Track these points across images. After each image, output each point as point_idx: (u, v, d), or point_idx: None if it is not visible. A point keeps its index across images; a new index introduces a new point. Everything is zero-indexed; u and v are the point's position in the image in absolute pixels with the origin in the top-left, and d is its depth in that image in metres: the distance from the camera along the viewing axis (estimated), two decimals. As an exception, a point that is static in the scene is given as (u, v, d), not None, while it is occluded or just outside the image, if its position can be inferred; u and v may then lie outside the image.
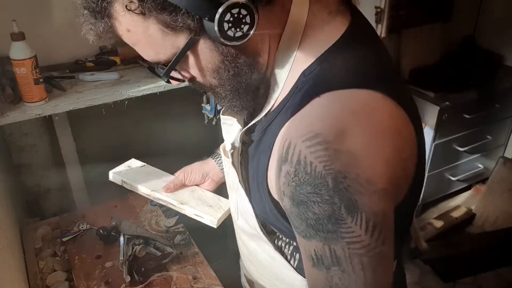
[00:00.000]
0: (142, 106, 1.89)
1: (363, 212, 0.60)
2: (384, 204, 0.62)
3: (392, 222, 0.64)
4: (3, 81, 1.44)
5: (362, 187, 0.59)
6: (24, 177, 1.82)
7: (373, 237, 0.62)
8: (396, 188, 0.63)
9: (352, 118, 0.60)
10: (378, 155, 0.60)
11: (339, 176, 0.58)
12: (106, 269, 1.25)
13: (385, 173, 0.60)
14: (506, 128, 2.81)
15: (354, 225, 0.61)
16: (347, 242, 0.62)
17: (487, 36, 2.87)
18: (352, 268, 0.64)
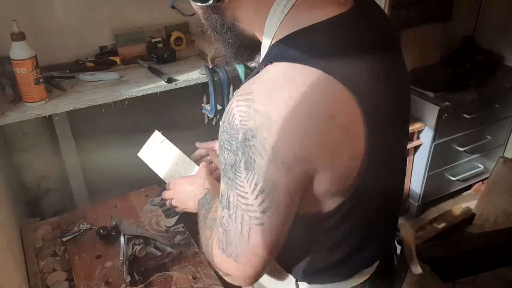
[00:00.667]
0: (142, 106, 1.89)
1: (256, 174, 0.64)
2: (278, 175, 0.64)
3: (283, 200, 0.66)
4: (3, 81, 1.44)
5: (265, 151, 0.63)
6: (24, 177, 1.83)
7: (256, 201, 0.66)
8: (305, 166, 0.64)
9: (284, 88, 0.63)
10: (292, 129, 0.62)
11: (249, 133, 0.63)
12: (106, 269, 1.25)
13: (292, 148, 0.62)
14: (506, 128, 2.81)
15: (246, 182, 0.66)
16: (237, 193, 0.68)
17: (487, 36, 2.87)
18: (235, 217, 0.70)
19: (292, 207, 0.69)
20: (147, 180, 1.67)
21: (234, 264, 0.74)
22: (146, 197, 1.57)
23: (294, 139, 0.62)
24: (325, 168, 0.66)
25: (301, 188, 0.67)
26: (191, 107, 1.95)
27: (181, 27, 1.86)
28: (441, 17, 2.69)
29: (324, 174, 0.67)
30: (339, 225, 0.77)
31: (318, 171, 0.66)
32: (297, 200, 0.69)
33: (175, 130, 2.08)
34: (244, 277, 0.76)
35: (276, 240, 0.71)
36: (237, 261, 0.74)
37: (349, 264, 0.85)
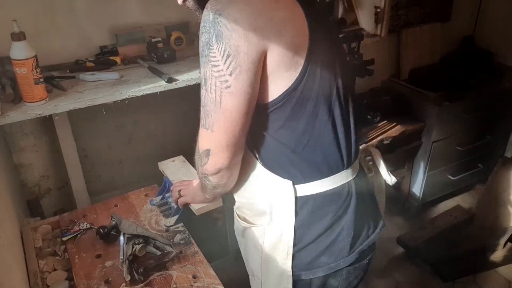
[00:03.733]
0: (142, 106, 1.89)
1: (224, 42, 0.85)
2: (240, 40, 0.85)
3: (244, 60, 0.86)
4: (4, 81, 1.44)
5: (229, 23, 0.84)
6: (25, 177, 1.83)
7: (225, 65, 0.86)
8: (259, 36, 0.85)
9: None
10: (248, 7, 0.85)
11: (217, 13, 0.85)
12: (106, 268, 1.25)
13: (248, 19, 0.84)
14: (505, 127, 2.81)
15: (217, 51, 0.86)
16: (212, 65, 0.88)
17: (487, 36, 2.87)
18: (210, 87, 0.90)
19: (252, 76, 0.88)
20: (147, 180, 1.67)
21: (210, 134, 0.94)
22: (146, 196, 1.57)
23: (250, 13, 0.84)
24: (275, 40, 0.86)
25: (258, 56, 0.86)
26: (191, 107, 1.95)
27: (181, 27, 1.87)
28: (440, 17, 2.70)
29: (275, 46, 0.86)
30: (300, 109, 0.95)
31: (269, 45, 0.86)
32: (256, 70, 0.88)
33: (175, 130, 2.08)
34: (219, 146, 0.94)
35: (243, 105, 0.90)
36: (212, 130, 0.93)
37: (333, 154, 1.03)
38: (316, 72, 0.93)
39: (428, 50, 2.70)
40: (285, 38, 0.87)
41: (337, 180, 1.05)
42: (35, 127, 1.76)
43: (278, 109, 0.94)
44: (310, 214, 1.04)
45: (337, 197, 1.05)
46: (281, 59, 0.88)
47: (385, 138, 2.31)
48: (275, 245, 1.08)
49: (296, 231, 1.05)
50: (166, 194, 1.53)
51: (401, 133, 2.37)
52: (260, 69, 0.89)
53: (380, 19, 2.11)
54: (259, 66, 0.88)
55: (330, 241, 1.06)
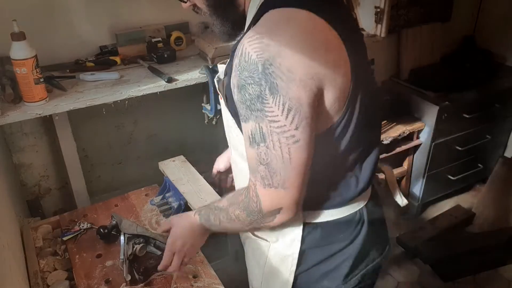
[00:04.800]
0: (142, 106, 1.90)
1: (281, 95, 0.77)
2: (300, 92, 0.77)
3: (308, 112, 0.79)
4: (4, 81, 1.44)
5: (283, 74, 0.76)
6: (25, 177, 1.83)
7: (288, 119, 0.78)
8: (316, 82, 0.78)
9: (285, 25, 0.78)
10: (299, 51, 0.76)
11: (267, 63, 0.76)
12: (107, 268, 1.25)
13: (303, 66, 0.76)
14: (505, 127, 2.81)
15: (274, 105, 0.78)
16: (269, 120, 0.79)
17: (487, 36, 2.87)
18: (273, 144, 0.81)
19: (316, 120, 0.81)
20: (147, 180, 1.67)
21: (283, 193, 0.84)
22: (146, 196, 1.57)
23: (304, 59, 0.76)
24: (329, 84, 0.79)
25: (317, 102, 0.80)
26: (191, 106, 1.96)
27: (181, 27, 1.87)
28: (440, 17, 2.70)
29: (329, 88, 0.80)
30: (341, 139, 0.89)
31: (325, 87, 0.79)
32: (317, 114, 0.81)
33: (175, 130, 2.09)
34: (294, 203, 0.86)
35: (311, 155, 0.83)
36: (285, 187, 0.84)
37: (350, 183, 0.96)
38: (357, 101, 0.87)
39: (428, 50, 2.70)
40: (336, 80, 0.81)
41: (350, 208, 0.99)
42: (35, 127, 1.76)
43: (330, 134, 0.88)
44: (317, 240, 1.00)
45: (348, 225, 1.00)
46: (336, 98, 0.83)
47: (385, 138, 2.31)
48: (278, 265, 1.05)
49: (301, 254, 1.01)
50: (166, 194, 1.54)
51: (401, 133, 2.38)
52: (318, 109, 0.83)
53: (380, 19, 2.11)
54: (318, 110, 0.82)
55: (334, 266, 1.02)
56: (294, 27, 0.78)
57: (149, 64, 1.70)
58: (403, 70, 2.65)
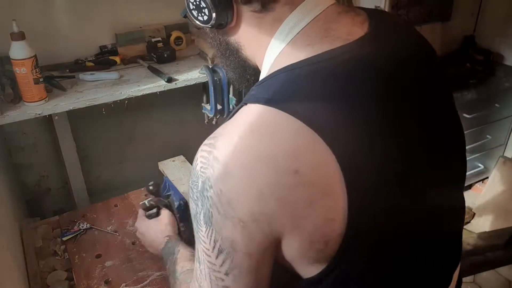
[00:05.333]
0: (142, 106, 1.89)
1: (214, 230, 0.58)
2: (235, 235, 0.57)
3: (243, 261, 0.59)
4: (3, 81, 1.44)
5: (221, 206, 0.57)
6: (24, 177, 1.83)
7: (218, 261, 0.60)
8: (263, 229, 0.57)
9: (247, 137, 0.57)
10: (249, 184, 0.55)
11: (207, 183, 0.57)
12: (106, 268, 1.25)
13: (247, 205, 0.56)
14: (506, 127, 2.81)
15: (206, 237, 0.60)
16: (202, 249, 0.62)
17: (487, 36, 2.87)
18: (204, 274, 0.63)
19: (260, 271, 0.61)
20: (147, 180, 1.67)
21: None
22: (146, 196, 1.57)
23: (251, 194, 0.55)
24: (292, 229, 0.57)
25: (265, 251, 0.59)
26: (191, 106, 1.95)
27: (181, 27, 1.86)
28: (441, 17, 2.70)
29: (292, 236, 0.58)
30: None
31: (284, 233, 0.57)
32: (266, 263, 0.61)
33: (175, 130, 2.08)
34: None
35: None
36: None
37: None
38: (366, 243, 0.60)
39: (428, 50, 2.69)
40: (305, 225, 0.57)
41: None
42: (35, 127, 1.76)
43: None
44: None
45: None
46: (300, 252, 0.60)
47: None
48: None
49: None
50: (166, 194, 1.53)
51: (401, 133, 2.37)
52: (272, 260, 0.62)
53: (380, 19, 2.11)
54: (269, 263, 0.61)
55: None
56: (254, 144, 0.56)
57: (149, 64, 1.70)
58: (403, 70, 2.64)
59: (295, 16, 0.65)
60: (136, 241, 1.35)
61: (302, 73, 0.61)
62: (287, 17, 0.65)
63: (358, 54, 0.62)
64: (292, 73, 0.61)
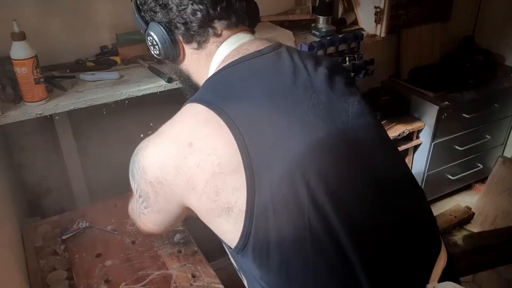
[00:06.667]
0: (142, 105, 1.89)
1: (135, 183, 0.86)
2: (147, 189, 0.83)
3: (155, 205, 0.85)
4: (4, 81, 1.44)
5: (139, 169, 0.83)
6: (25, 177, 1.83)
7: (140, 200, 0.88)
8: (166, 190, 0.80)
9: (169, 122, 0.82)
10: (156, 154, 0.80)
11: (137, 151, 0.84)
12: (106, 268, 1.26)
13: (153, 170, 0.80)
14: (505, 127, 2.81)
15: (132, 185, 0.88)
16: (133, 190, 0.89)
17: (487, 36, 2.88)
18: (134, 202, 0.94)
19: (166, 213, 0.88)
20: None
21: (135, 223, 1.00)
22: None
23: (157, 164, 0.79)
24: (188, 189, 0.78)
25: (170, 202, 0.84)
26: (191, 106, 1.95)
27: (181, 27, 1.86)
28: (440, 17, 2.70)
29: (190, 194, 0.78)
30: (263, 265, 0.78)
31: (183, 193, 0.79)
32: (170, 210, 0.86)
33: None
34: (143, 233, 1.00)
35: (158, 226, 0.94)
36: (136, 222, 0.99)
37: None
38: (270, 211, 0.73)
39: (428, 50, 2.70)
40: (199, 186, 0.76)
41: None
42: (35, 127, 1.76)
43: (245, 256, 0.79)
44: None
45: None
46: (202, 207, 0.79)
47: (385, 138, 2.31)
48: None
49: None
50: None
51: (401, 132, 2.38)
52: (178, 213, 0.87)
53: (380, 19, 2.11)
54: (174, 211, 0.87)
55: None
56: (166, 127, 0.82)
57: (149, 64, 1.70)
58: (403, 70, 2.65)
59: (220, 50, 0.89)
60: (136, 241, 1.36)
61: (212, 78, 0.87)
62: (215, 52, 0.90)
63: (260, 57, 0.85)
64: (206, 81, 0.88)
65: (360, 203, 0.77)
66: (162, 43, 0.90)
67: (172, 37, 0.90)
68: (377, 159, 0.82)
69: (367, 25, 2.18)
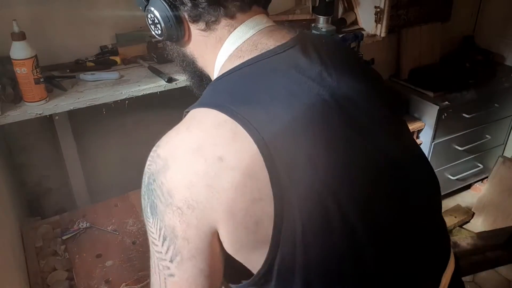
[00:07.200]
0: (142, 105, 1.89)
1: (159, 219, 0.65)
2: (176, 221, 0.64)
3: (184, 247, 0.64)
4: (4, 81, 1.44)
5: (163, 196, 0.64)
6: (25, 177, 1.83)
7: (163, 248, 0.66)
8: (198, 215, 0.63)
9: (183, 134, 0.67)
10: (182, 173, 0.63)
11: (151, 177, 0.66)
12: (107, 268, 1.26)
13: (182, 192, 0.63)
14: (505, 127, 2.81)
15: (153, 227, 0.67)
16: (151, 240, 0.68)
17: (487, 36, 2.88)
18: (154, 266, 0.69)
19: (201, 257, 0.66)
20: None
21: None
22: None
23: (184, 183, 0.63)
24: (223, 213, 0.62)
25: (205, 236, 0.64)
26: (191, 106, 1.95)
27: (181, 27, 1.86)
28: (440, 17, 2.70)
29: (225, 220, 0.63)
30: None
31: (217, 218, 0.63)
32: (206, 250, 0.65)
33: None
34: None
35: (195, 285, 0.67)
36: None
37: None
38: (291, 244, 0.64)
39: (428, 50, 2.70)
40: (235, 207, 0.62)
41: None
42: (35, 127, 1.76)
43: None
44: None
45: None
46: (237, 239, 0.65)
47: (385, 138, 2.31)
48: None
49: None
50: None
51: (401, 133, 2.37)
52: (215, 252, 0.66)
53: (380, 19, 2.11)
54: (209, 251, 0.66)
55: None
56: (186, 138, 0.66)
57: (149, 64, 1.70)
58: (403, 70, 2.65)
59: (233, 37, 0.76)
60: (137, 241, 1.36)
61: (227, 78, 0.73)
62: (227, 38, 0.77)
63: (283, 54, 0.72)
64: (220, 81, 0.74)
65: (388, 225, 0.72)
66: (165, 21, 0.77)
67: (177, 14, 0.77)
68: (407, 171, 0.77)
69: (367, 25, 2.18)
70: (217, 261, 0.68)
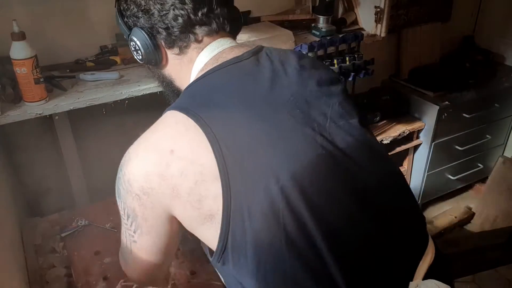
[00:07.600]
0: (142, 105, 1.90)
1: (122, 201, 0.83)
2: (135, 204, 0.80)
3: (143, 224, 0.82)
4: (4, 81, 1.45)
5: (124, 183, 0.80)
6: (25, 177, 1.84)
7: (128, 222, 0.84)
8: (152, 200, 0.78)
9: (149, 131, 0.82)
10: (139, 164, 0.78)
11: (120, 168, 0.82)
12: (105, 265, 1.26)
13: (138, 181, 0.78)
14: (505, 127, 2.81)
15: (120, 207, 0.85)
16: (121, 215, 0.86)
17: (487, 36, 2.88)
18: (123, 232, 0.89)
19: (157, 231, 0.83)
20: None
21: (126, 271, 0.96)
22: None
23: (141, 174, 0.77)
24: (173, 197, 0.76)
25: (159, 216, 0.81)
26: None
27: (180, 27, 1.87)
28: (440, 17, 2.70)
29: (175, 202, 0.77)
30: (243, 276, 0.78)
31: (169, 203, 0.78)
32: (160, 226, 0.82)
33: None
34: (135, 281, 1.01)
35: (154, 256, 0.88)
36: (126, 269, 0.96)
37: None
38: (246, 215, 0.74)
39: (428, 50, 2.70)
40: (183, 191, 0.75)
41: None
42: (35, 127, 1.77)
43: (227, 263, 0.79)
44: None
45: None
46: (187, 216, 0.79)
47: (385, 138, 2.31)
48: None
49: None
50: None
51: (401, 132, 2.38)
52: (170, 230, 0.83)
53: (380, 19, 2.12)
54: (165, 228, 0.83)
55: None
56: (147, 134, 0.81)
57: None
58: (403, 69, 2.65)
59: (201, 57, 0.91)
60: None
61: (192, 86, 0.88)
62: (196, 59, 0.91)
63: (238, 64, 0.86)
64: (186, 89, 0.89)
65: (337, 206, 0.78)
66: (144, 48, 0.92)
67: (154, 42, 0.91)
68: (356, 161, 0.82)
69: (367, 25, 2.18)
70: (171, 237, 0.85)
